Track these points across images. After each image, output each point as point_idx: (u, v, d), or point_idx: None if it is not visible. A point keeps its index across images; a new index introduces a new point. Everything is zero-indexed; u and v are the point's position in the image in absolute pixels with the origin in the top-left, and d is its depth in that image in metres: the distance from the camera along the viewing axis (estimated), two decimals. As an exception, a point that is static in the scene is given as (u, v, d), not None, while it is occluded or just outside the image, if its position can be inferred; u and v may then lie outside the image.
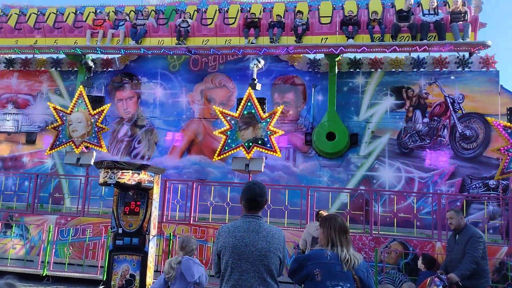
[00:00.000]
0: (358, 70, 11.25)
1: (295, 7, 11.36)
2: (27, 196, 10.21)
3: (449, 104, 10.68)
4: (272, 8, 11.69)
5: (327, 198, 9.79)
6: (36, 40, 11.86)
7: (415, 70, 10.98)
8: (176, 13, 11.86)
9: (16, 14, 12.53)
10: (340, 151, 10.71)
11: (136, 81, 12.46)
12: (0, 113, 12.69)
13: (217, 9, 11.78)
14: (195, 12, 11.89)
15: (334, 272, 2.60)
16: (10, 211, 9.87)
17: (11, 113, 12.60)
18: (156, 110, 12.15)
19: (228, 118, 8.83)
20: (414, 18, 10.15)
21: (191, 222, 8.88)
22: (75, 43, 11.71)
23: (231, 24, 11.17)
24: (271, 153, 8.65)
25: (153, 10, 12.13)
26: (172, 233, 8.23)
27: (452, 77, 10.77)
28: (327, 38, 10.43)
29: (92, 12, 12.54)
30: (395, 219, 8.91)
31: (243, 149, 8.71)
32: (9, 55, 13.42)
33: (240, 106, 8.77)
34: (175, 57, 12.32)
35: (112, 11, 12.48)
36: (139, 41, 11.41)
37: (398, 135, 10.82)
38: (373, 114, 11.02)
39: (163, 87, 12.27)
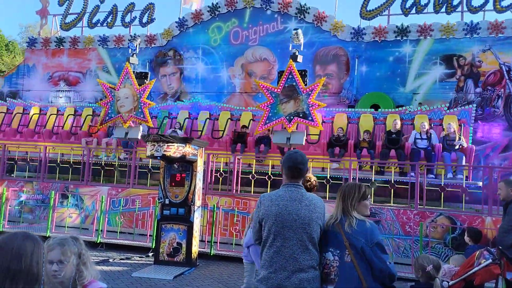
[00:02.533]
0: (405, 38, 10.72)
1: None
2: (81, 168, 10.85)
3: (505, 72, 9.98)
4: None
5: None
6: None
7: (468, 36, 10.30)
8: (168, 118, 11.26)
9: None
10: (385, 124, 10.40)
11: (179, 57, 12.63)
12: (53, 90, 13.38)
13: (208, 117, 11.18)
14: (186, 119, 11.38)
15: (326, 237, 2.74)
16: (66, 183, 10.55)
17: (63, 90, 13.26)
18: (198, 85, 12.31)
19: (269, 91, 8.79)
20: (403, 142, 9.28)
21: (234, 194, 9.08)
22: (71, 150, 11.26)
23: (219, 138, 10.62)
24: (313, 126, 8.56)
25: None
26: (215, 205, 8.47)
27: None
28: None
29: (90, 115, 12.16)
30: (442, 193, 8.62)
31: (284, 123, 8.68)
32: (59, 34, 14.02)
33: (281, 79, 8.68)
34: (216, 31, 12.31)
35: None
36: None
37: (448, 106, 10.30)
38: (421, 84, 10.53)
39: (204, 62, 12.37)
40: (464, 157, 8.91)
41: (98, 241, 8.65)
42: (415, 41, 10.67)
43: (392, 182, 9.11)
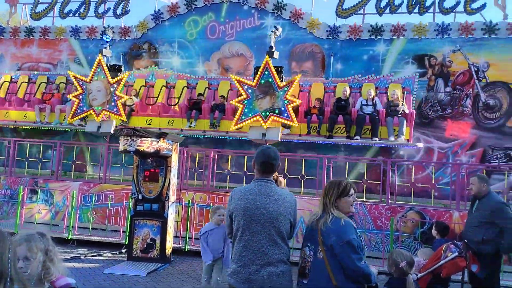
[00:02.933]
0: (379, 37, 10.92)
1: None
2: (51, 163, 10.55)
3: (473, 73, 10.33)
4: (218, 85, 11.38)
5: (344, 168, 9.79)
6: None
7: (439, 37, 10.58)
8: (124, 87, 11.22)
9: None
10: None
11: (154, 50, 12.43)
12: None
13: (164, 84, 11.51)
14: (142, 87, 11.57)
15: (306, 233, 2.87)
16: (35, 178, 10.23)
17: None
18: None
19: (245, 87, 8.79)
20: (350, 108, 9.84)
21: (209, 190, 9.05)
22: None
23: (174, 105, 11.07)
24: (288, 122, 8.62)
25: None
26: (190, 200, 8.42)
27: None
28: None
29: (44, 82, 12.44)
30: (413, 189, 8.87)
31: (260, 118, 8.70)
32: (29, 24, 13.54)
33: (257, 75, 8.70)
34: (192, 25, 12.18)
35: (62, 82, 12.33)
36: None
37: (419, 104, 10.59)
38: (394, 83, 10.76)
39: (180, 56, 12.22)
40: (405, 121, 9.47)
41: (69, 238, 8.46)
42: (389, 40, 10.89)
43: (365, 178, 9.32)
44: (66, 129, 11.53)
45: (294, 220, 2.79)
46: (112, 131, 10.01)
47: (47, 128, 11.95)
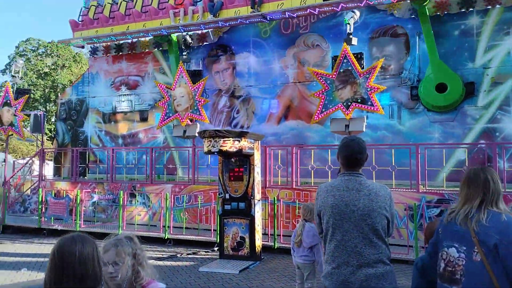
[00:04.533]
0: (471, 9, 9.81)
1: None
2: (145, 168, 11.30)
3: None
4: None
5: (440, 156, 8.97)
6: (128, 26, 12.69)
7: (546, -1, 9.17)
8: None
9: (109, 3, 13.45)
10: (453, 104, 9.61)
11: (230, 52, 12.66)
12: (116, 95, 14.05)
13: None
14: None
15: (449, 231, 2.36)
16: (132, 182, 11.05)
17: (125, 94, 13.88)
18: (251, 79, 12.24)
19: (324, 78, 8.48)
20: None
21: (294, 186, 8.93)
22: (160, 24, 12.24)
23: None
24: (373, 111, 8.13)
25: None
26: (276, 197, 8.37)
27: None
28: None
29: None
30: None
31: (342, 110, 8.33)
32: (118, 42, 14.68)
33: (336, 64, 8.33)
34: (266, 23, 12.16)
35: None
36: (217, 14, 11.48)
37: (527, 79, 9.28)
38: (492, 58, 9.57)
39: (256, 55, 12.26)
40: None
41: (166, 237, 8.95)
42: (483, 11, 9.72)
43: (466, 165, 8.43)
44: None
45: (391, 216, 2.51)
46: (197, 134, 10.40)
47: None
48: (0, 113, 11.56)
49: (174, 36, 12.58)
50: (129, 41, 13.87)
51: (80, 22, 13.71)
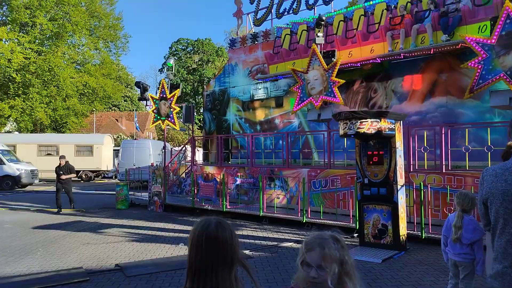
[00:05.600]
0: None
1: None
2: (282, 153, 11.54)
3: None
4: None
5: None
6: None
7: None
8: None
9: (288, 34, 12.86)
10: None
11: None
12: (253, 83, 14.64)
13: (362, 14, 10.44)
14: (341, 22, 10.56)
15: None
16: (271, 167, 11.41)
17: (260, 82, 14.33)
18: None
19: (480, 44, 7.24)
20: None
21: (444, 171, 7.95)
22: (371, 51, 10.45)
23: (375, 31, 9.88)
24: (549, 78, 6.61)
25: None
26: (422, 183, 7.58)
27: None
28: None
29: (384, 9, 10.72)
30: None
31: (505, 80, 7.00)
32: (253, 31, 15.18)
33: (496, 27, 7.01)
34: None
35: (408, 1, 10.42)
36: (452, 33, 9.10)
37: None
38: None
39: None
40: None
41: (304, 221, 9.00)
42: None
43: None
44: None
45: None
46: (331, 117, 10.10)
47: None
48: (159, 107, 13.18)
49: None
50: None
51: (275, 55, 12.84)
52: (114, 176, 27.35)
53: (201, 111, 33.51)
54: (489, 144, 7.72)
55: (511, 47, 6.96)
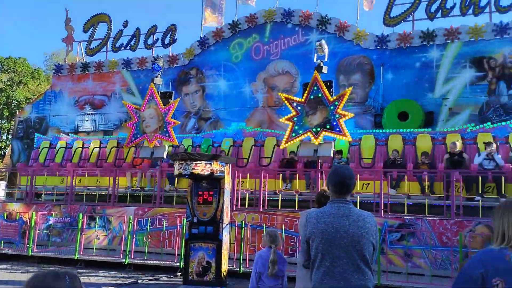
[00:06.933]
0: (431, 43, 10.41)
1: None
2: (108, 190, 10.86)
3: (540, 73, 9.51)
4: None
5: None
6: None
7: (498, 37, 9.91)
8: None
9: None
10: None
11: (201, 75, 12.68)
12: (79, 114, 13.62)
13: (253, 144, 10.67)
14: (231, 147, 10.82)
15: None
16: (93, 204, 10.56)
17: (89, 114, 13.47)
18: (221, 102, 12.27)
19: (294, 104, 8.63)
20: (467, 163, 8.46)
21: (261, 210, 8.85)
22: None
23: (267, 165, 9.93)
24: (341, 137, 8.31)
25: None
26: (243, 221, 8.25)
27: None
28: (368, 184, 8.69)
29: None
30: (480, 201, 8.12)
31: (311, 135, 8.45)
32: (84, 60, 14.36)
33: (307, 91, 8.52)
34: (237, 47, 12.33)
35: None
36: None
37: (480, 110, 9.86)
38: (451, 89, 10.16)
39: (227, 78, 12.36)
40: None
41: (126, 262, 8.53)
42: (442, 45, 10.36)
43: (426, 190, 8.69)
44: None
45: (376, 242, 2.56)
46: (164, 156, 10.17)
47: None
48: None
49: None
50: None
51: None
52: None
53: (4, 137, 28.88)
54: (297, 188, 9.03)
55: (317, 109, 8.54)
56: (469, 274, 1.93)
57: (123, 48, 13.87)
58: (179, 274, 7.86)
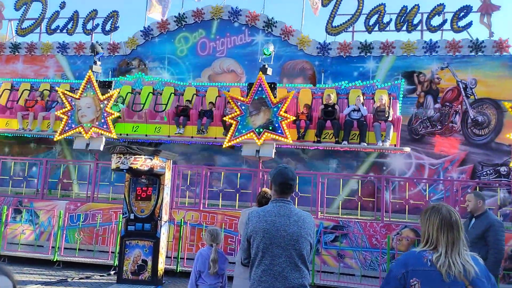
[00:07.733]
0: (369, 54, 11.06)
1: (228, 91, 10.48)
2: (36, 182, 10.20)
3: (461, 90, 10.51)
4: (206, 92, 11.16)
5: (336, 185, 9.73)
6: None
7: (427, 54, 10.78)
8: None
9: None
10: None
11: (143, 66, 12.31)
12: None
13: (151, 91, 11.24)
14: (129, 94, 11.28)
15: (436, 283, 2.02)
16: (19, 197, 9.87)
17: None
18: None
19: (239, 103, 8.72)
20: (338, 114, 9.85)
21: (201, 208, 8.86)
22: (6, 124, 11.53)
23: (161, 111, 10.86)
24: (282, 139, 8.56)
25: None
26: (182, 219, 8.20)
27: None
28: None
29: (27, 90, 12.07)
30: (406, 206, 8.85)
31: (254, 135, 8.61)
32: (14, 40, 13.30)
33: (251, 91, 8.65)
34: (182, 41, 12.15)
35: (46, 89, 12.01)
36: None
37: (409, 121, 10.68)
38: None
39: (170, 72, 12.13)
40: (392, 126, 9.46)
41: (55, 259, 8.11)
42: (378, 57, 11.04)
43: (359, 195, 9.26)
44: (50, 138, 11.12)
45: (313, 242, 2.69)
46: (101, 149, 9.77)
47: (30, 136, 11.61)
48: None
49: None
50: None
51: None
52: None
53: None
54: (237, 187, 9.17)
55: (260, 110, 8.70)
56: (395, 274, 2.15)
57: (58, 31, 13.03)
58: (112, 272, 7.63)
